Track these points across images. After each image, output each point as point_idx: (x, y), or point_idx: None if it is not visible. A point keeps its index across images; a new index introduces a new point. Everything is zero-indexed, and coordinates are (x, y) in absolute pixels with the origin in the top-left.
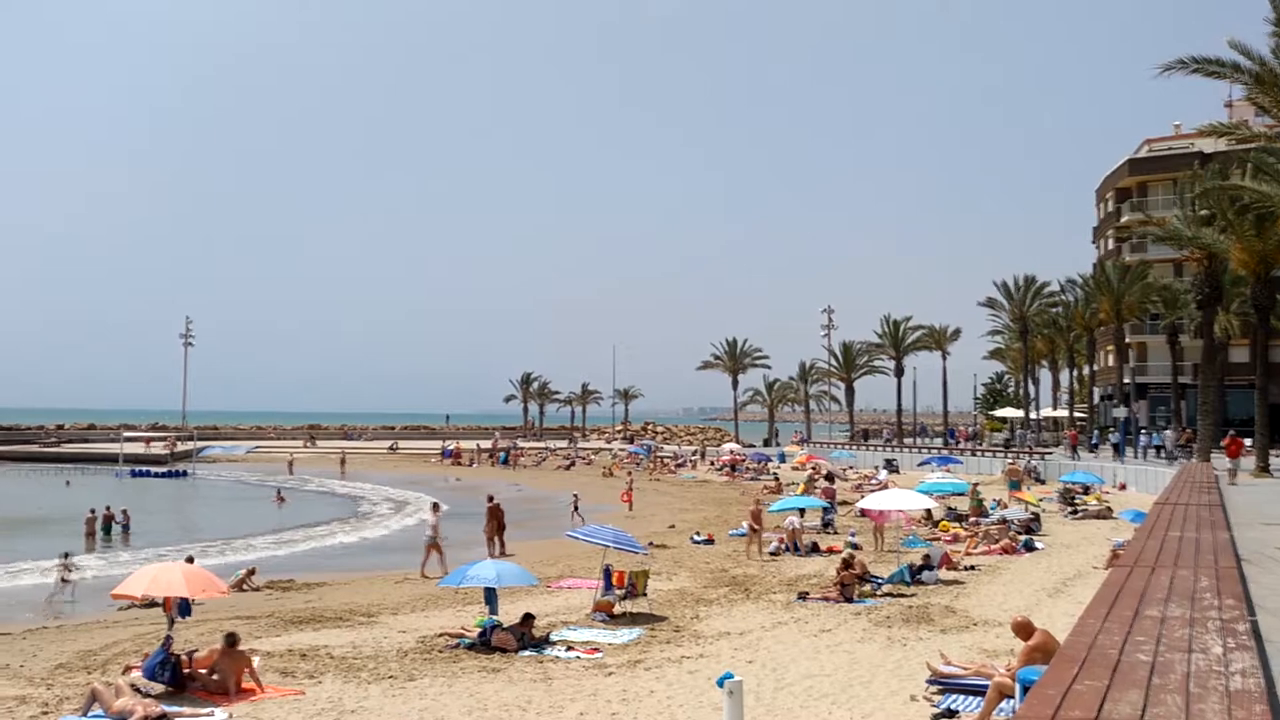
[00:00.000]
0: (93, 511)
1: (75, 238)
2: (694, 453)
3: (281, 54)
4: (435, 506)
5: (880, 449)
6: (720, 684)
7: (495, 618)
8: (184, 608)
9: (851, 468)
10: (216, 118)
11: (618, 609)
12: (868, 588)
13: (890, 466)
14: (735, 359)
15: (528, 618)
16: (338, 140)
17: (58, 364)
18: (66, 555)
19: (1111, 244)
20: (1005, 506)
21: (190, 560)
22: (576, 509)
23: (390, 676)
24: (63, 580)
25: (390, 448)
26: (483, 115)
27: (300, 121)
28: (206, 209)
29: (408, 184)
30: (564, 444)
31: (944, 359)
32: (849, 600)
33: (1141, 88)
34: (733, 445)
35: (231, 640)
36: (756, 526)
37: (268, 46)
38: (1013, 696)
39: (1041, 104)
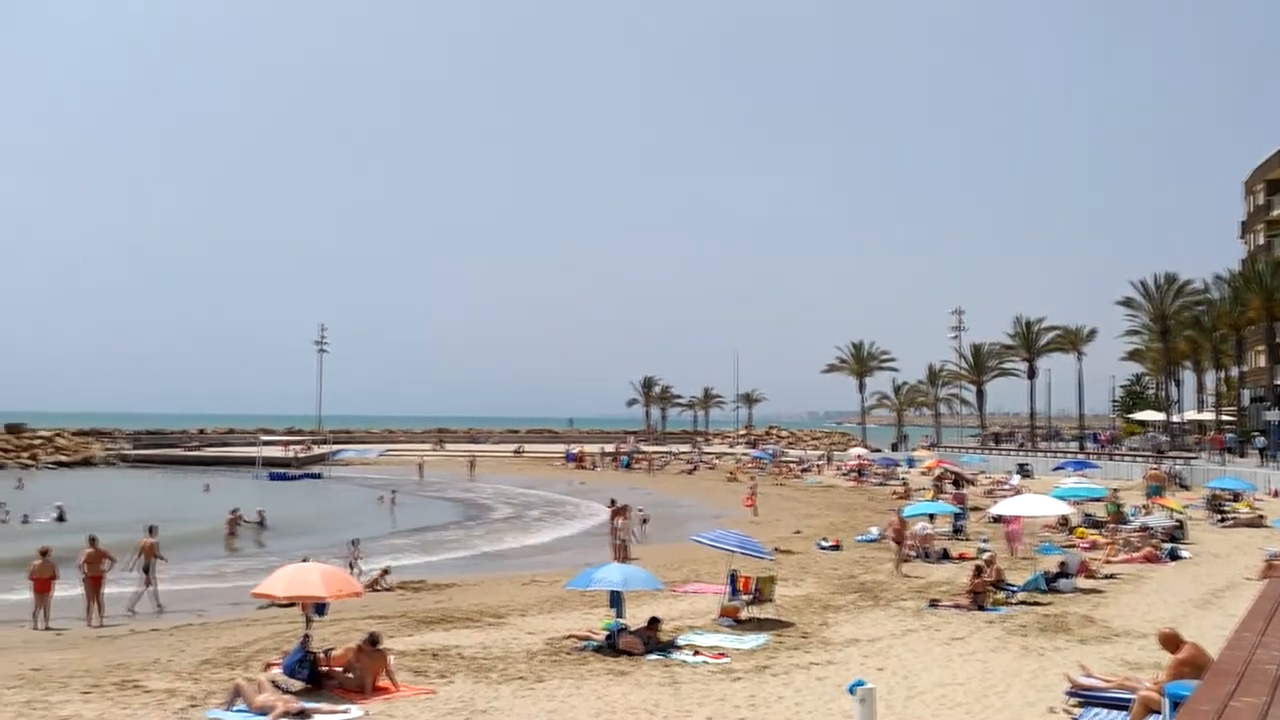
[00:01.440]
0: (233, 512)
1: (211, 249)
2: (819, 457)
3: (419, 63)
4: (622, 509)
5: (1012, 453)
6: (851, 691)
7: (622, 621)
8: (320, 607)
9: (982, 472)
10: (337, 126)
11: (744, 614)
12: (1001, 595)
13: (1023, 471)
14: (861, 362)
15: (654, 621)
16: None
17: (201, 372)
18: (355, 543)
19: (1261, 239)
20: (1147, 513)
21: (306, 560)
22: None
23: (520, 677)
24: (350, 565)
25: (515, 451)
26: (602, 121)
27: (420, 127)
28: (337, 218)
29: (532, 188)
30: (686, 448)
31: (1079, 360)
32: (981, 608)
33: None
34: (859, 450)
35: (373, 640)
36: (899, 542)
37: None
38: (1159, 712)
39: (1181, 94)
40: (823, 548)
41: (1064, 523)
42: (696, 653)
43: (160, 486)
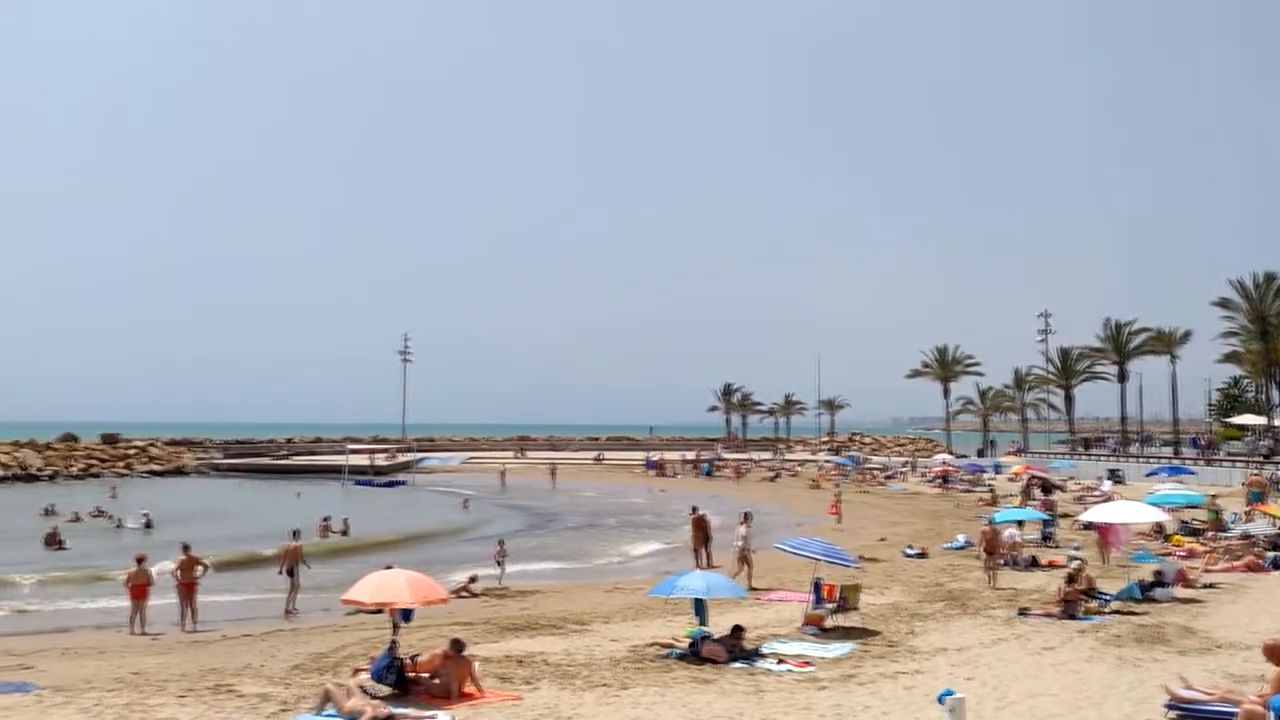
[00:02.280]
0: (325, 519)
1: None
2: (903, 464)
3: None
4: (746, 516)
5: (1103, 459)
6: (940, 700)
7: (705, 629)
8: (406, 613)
9: (1072, 478)
10: (415, 139)
11: (829, 622)
12: (1094, 604)
13: (1114, 477)
14: (946, 367)
15: (738, 630)
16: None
17: (288, 381)
18: (501, 542)
19: None
20: (1248, 520)
21: (390, 567)
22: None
23: (604, 684)
24: (497, 563)
25: (595, 459)
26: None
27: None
28: (421, 226)
29: (608, 193)
30: (768, 455)
31: (1173, 363)
32: (1073, 617)
33: None
34: (944, 456)
35: (458, 646)
36: (990, 552)
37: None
38: None
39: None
40: (909, 555)
41: (1159, 530)
42: (781, 661)
43: (251, 495)
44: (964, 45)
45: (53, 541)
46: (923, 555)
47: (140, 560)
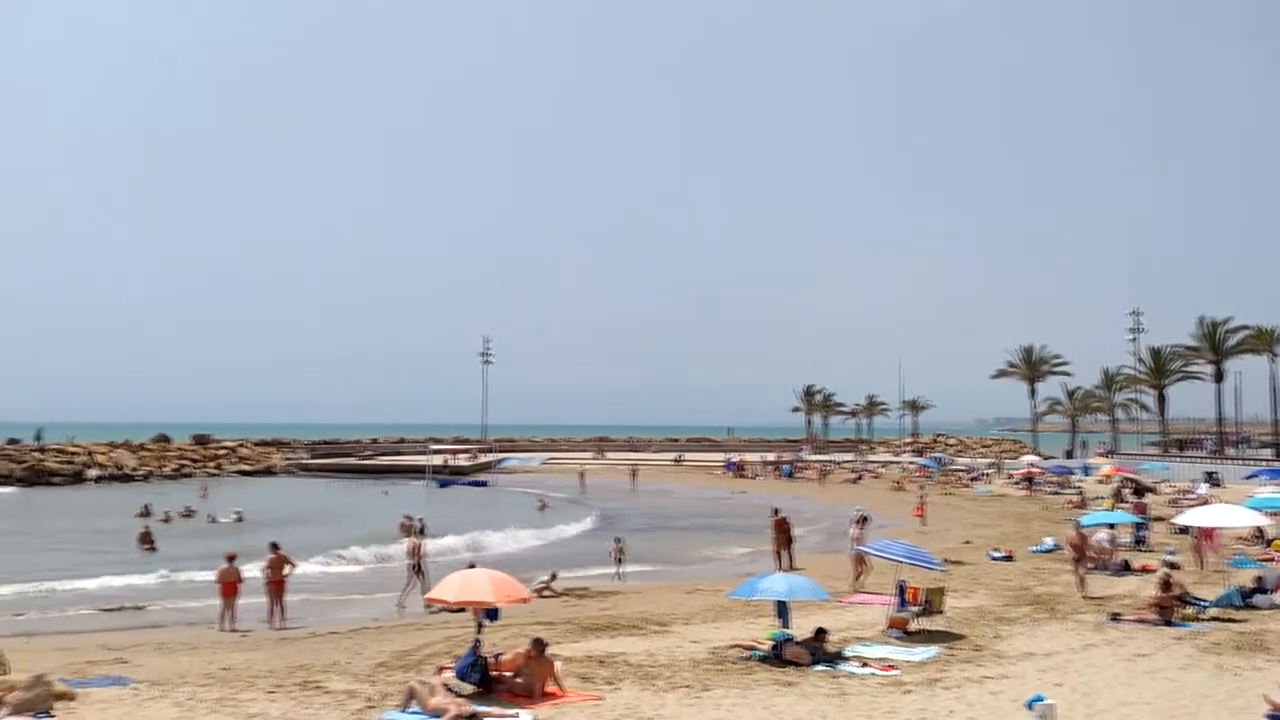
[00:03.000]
0: (407, 517)
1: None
2: (988, 465)
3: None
4: (863, 520)
5: (1199, 461)
6: (1029, 706)
7: (787, 631)
8: (491, 612)
9: (1165, 481)
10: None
11: (913, 626)
12: (1190, 610)
13: (1211, 479)
14: (1032, 366)
15: (820, 632)
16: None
17: (374, 382)
18: (618, 540)
19: None
20: None
21: (473, 566)
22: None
23: (685, 686)
24: (617, 560)
25: (675, 460)
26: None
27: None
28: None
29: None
30: (850, 457)
31: (1272, 362)
32: (1168, 623)
33: None
34: (1031, 457)
35: (539, 645)
36: (1078, 559)
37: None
38: None
39: None
40: (994, 558)
41: (1259, 535)
42: (864, 664)
43: (339, 493)
44: (1036, 39)
45: (146, 541)
46: (1009, 558)
47: (230, 559)
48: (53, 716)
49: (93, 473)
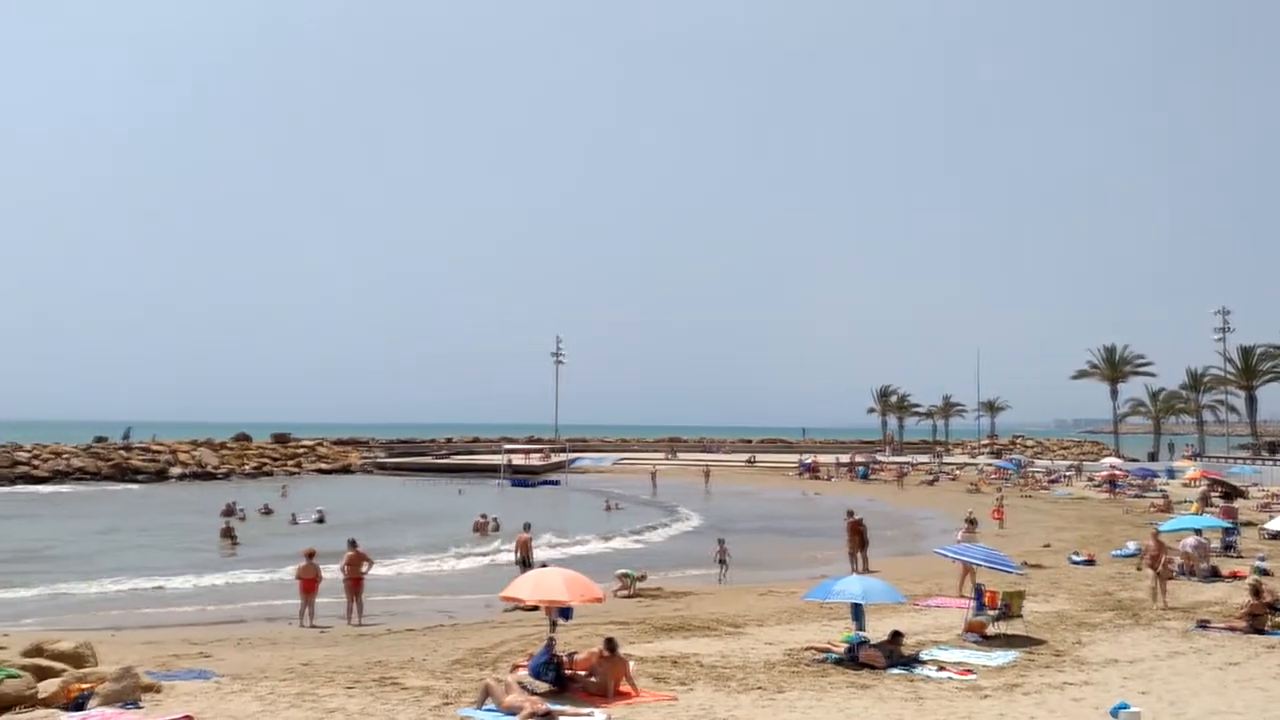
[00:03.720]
0: (481, 516)
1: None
2: (1068, 468)
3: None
4: (971, 524)
5: None
6: (1114, 714)
7: (862, 634)
8: (565, 611)
9: (1256, 484)
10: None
11: (991, 630)
12: None
13: None
14: (1114, 367)
15: (896, 635)
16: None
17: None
18: (722, 542)
19: None
20: None
21: (545, 565)
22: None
23: (759, 687)
24: (720, 561)
25: (748, 461)
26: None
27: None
28: (579, 231)
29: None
30: (926, 458)
31: None
32: (1259, 631)
33: None
34: (1113, 460)
35: (611, 645)
36: (1157, 569)
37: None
38: None
39: None
40: (1075, 562)
41: None
42: (941, 668)
43: (415, 492)
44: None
45: (228, 537)
46: (1090, 562)
47: (309, 555)
48: (140, 707)
49: (176, 471)
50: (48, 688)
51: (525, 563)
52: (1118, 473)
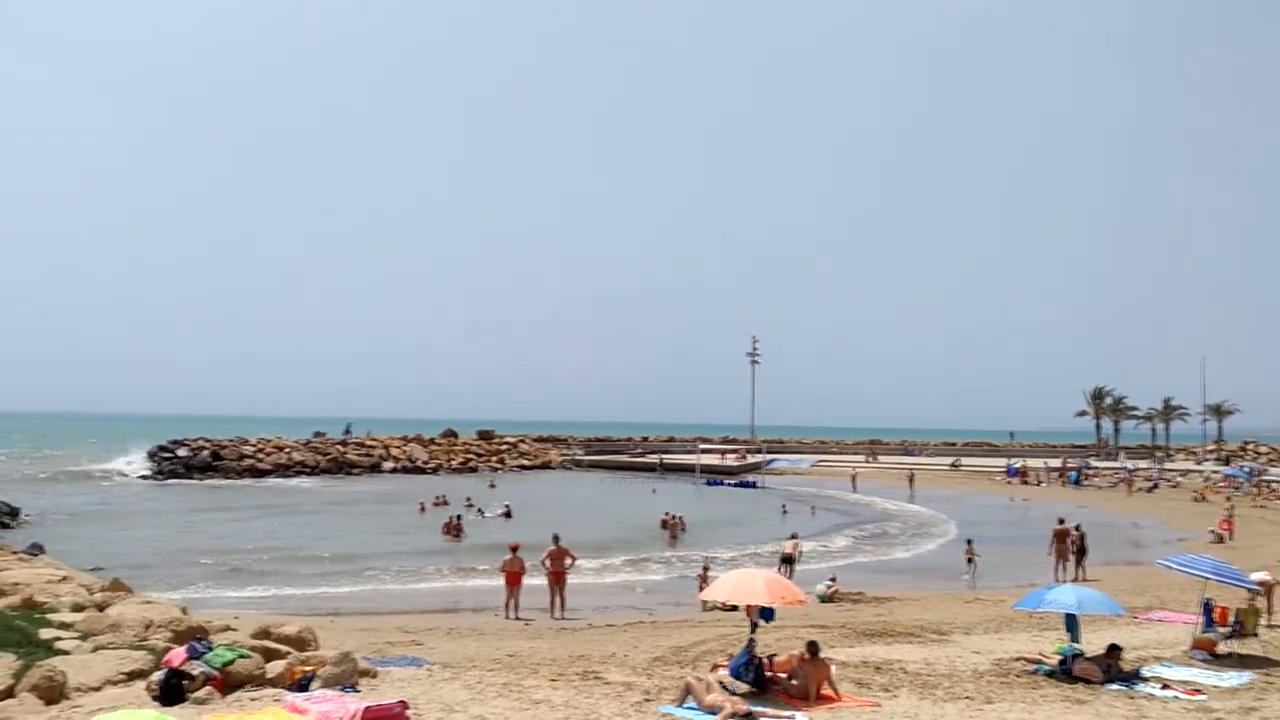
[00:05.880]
0: (668, 515)
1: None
2: None
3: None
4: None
5: None
6: None
7: (1076, 646)
8: (767, 613)
9: None
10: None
11: (1221, 648)
12: None
13: None
14: None
15: (1113, 649)
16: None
17: (647, 382)
18: (970, 542)
19: None
20: None
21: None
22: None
23: (966, 697)
24: (969, 560)
25: (952, 465)
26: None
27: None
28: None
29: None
30: (1145, 464)
31: None
32: None
33: None
34: None
35: (813, 648)
36: None
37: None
38: None
39: None
40: None
41: None
42: (1165, 686)
43: (610, 489)
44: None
45: (451, 530)
46: None
47: (514, 549)
48: (359, 691)
49: (388, 465)
50: (274, 668)
51: (789, 560)
52: None
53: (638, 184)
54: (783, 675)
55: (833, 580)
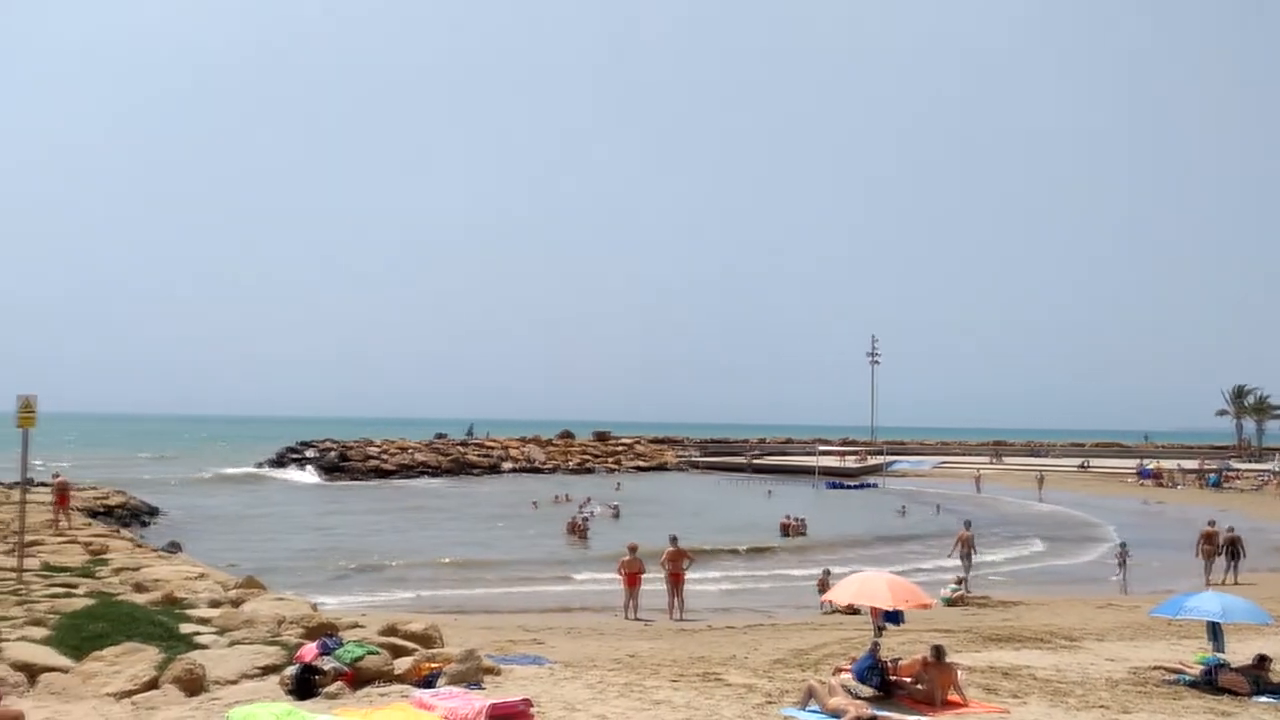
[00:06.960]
0: (787, 517)
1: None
2: None
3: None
4: None
5: None
6: None
7: (1221, 655)
8: (894, 616)
9: None
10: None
11: None
12: None
13: None
14: None
15: (1262, 659)
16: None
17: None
18: (1124, 545)
19: None
20: None
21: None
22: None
23: (1101, 706)
24: (1120, 563)
25: (1080, 466)
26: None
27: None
28: (900, 230)
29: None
30: None
31: None
32: None
33: None
34: None
35: (939, 652)
36: None
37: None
38: None
39: None
40: None
41: None
42: None
43: (725, 491)
44: None
45: (575, 531)
46: None
47: (633, 549)
48: (483, 688)
49: (507, 465)
50: (401, 665)
51: (967, 555)
52: None
53: (749, 180)
54: (907, 680)
55: (958, 583)
